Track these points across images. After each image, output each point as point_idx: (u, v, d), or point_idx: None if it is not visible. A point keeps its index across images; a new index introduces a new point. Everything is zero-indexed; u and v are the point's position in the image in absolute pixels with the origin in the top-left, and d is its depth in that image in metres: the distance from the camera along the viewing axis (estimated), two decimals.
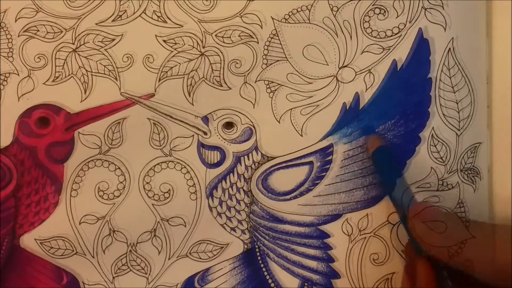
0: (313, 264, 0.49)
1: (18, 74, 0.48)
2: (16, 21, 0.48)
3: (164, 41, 0.48)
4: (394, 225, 0.48)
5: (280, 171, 0.48)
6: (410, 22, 0.48)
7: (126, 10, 0.47)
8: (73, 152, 0.48)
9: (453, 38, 0.48)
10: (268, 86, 0.48)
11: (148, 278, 0.49)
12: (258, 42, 0.48)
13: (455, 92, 0.48)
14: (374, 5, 0.48)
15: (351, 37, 0.48)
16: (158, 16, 0.48)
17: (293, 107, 0.48)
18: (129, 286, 0.48)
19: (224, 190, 0.48)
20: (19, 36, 0.48)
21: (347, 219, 0.49)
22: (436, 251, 0.42)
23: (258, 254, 0.49)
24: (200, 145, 0.48)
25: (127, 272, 0.49)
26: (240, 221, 0.49)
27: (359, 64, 0.48)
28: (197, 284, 0.49)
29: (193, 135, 0.48)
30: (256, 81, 0.48)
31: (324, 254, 0.49)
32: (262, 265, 0.49)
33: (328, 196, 0.48)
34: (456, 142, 0.48)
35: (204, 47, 0.48)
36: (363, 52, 0.48)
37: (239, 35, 0.48)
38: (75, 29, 0.47)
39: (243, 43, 0.48)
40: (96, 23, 0.48)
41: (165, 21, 0.48)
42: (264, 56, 0.48)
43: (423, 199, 0.48)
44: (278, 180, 0.48)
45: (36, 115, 0.48)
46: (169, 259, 0.49)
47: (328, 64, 0.48)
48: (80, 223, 0.48)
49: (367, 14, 0.48)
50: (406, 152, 0.48)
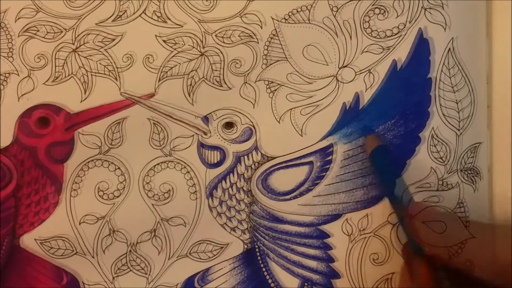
0: (313, 264, 0.49)
1: (18, 74, 0.48)
2: (16, 21, 0.48)
3: (164, 41, 0.48)
4: (394, 225, 0.48)
5: (280, 171, 0.48)
6: (410, 22, 0.48)
7: (126, 10, 0.47)
8: (73, 152, 0.48)
9: (453, 38, 0.48)
10: (268, 86, 0.48)
11: (148, 278, 0.49)
12: (258, 42, 0.48)
13: (455, 92, 0.48)
14: (374, 5, 0.48)
15: (351, 37, 0.48)
16: (158, 16, 0.48)
17: (293, 107, 0.48)
18: (129, 286, 0.48)
19: (224, 190, 0.48)
20: (19, 36, 0.48)
21: (347, 219, 0.49)
22: (436, 251, 0.42)
23: (258, 254, 0.49)
24: (200, 145, 0.48)
25: (127, 272, 0.49)
26: (240, 221, 0.49)
27: (359, 64, 0.48)
28: (197, 284, 0.49)
29: (193, 135, 0.48)
30: (256, 81, 0.48)
31: (324, 254, 0.49)
32: (262, 265, 0.49)
33: (328, 196, 0.48)
34: (456, 142, 0.48)
35: (204, 47, 0.48)
36: (363, 52, 0.48)
37: (239, 35, 0.48)
38: (75, 29, 0.47)
39: (243, 43, 0.48)
40: (96, 23, 0.47)
41: (165, 21, 0.48)
42: (264, 56, 0.48)
43: (423, 199, 0.48)
44: (278, 180, 0.48)
45: (36, 115, 0.47)
46: (169, 259, 0.49)
47: (328, 64, 0.48)
48: (80, 223, 0.48)
49: (367, 14, 0.48)
50: (406, 152, 0.48)
